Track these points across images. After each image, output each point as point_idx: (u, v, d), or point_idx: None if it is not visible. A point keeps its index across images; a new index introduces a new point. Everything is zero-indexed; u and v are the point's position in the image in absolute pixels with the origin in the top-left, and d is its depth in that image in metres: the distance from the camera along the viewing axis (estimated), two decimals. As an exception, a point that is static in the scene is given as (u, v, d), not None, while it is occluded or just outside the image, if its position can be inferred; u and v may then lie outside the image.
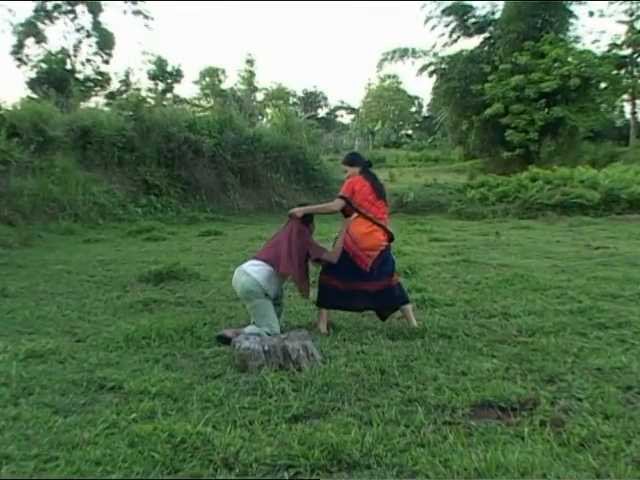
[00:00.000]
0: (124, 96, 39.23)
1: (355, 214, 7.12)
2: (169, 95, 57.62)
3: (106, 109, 31.33)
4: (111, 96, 49.37)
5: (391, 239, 7.27)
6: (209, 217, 23.73)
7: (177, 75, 63.14)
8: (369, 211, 7.04)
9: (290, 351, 5.57)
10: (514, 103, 41.59)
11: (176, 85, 64.51)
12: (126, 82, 57.11)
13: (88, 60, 53.94)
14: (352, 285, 7.03)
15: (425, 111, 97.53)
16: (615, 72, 44.81)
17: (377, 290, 7.05)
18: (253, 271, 6.79)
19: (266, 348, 5.56)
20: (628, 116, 57.23)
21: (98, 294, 9.52)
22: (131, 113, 25.25)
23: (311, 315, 7.66)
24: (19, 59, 50.40)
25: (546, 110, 42.23)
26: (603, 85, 44.37)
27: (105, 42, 53.15)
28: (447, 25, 49.16)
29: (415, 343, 6.38)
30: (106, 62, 54.61)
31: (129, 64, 71.14)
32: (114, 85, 56.75)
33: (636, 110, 52.98)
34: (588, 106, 42.67)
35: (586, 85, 41.56)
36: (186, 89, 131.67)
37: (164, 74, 61.64)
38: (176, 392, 4.97)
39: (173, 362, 5.86)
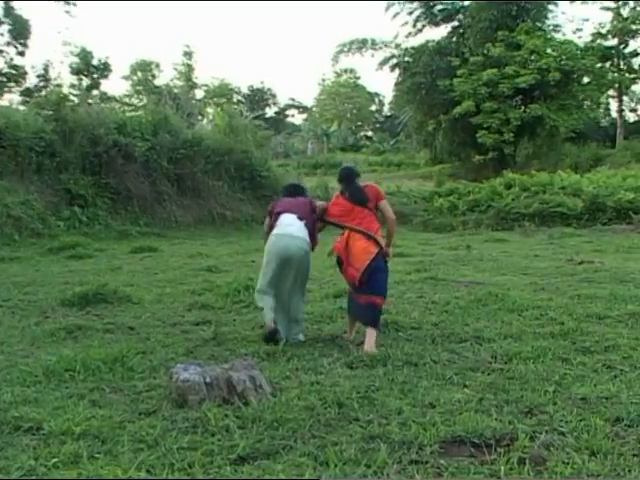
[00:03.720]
0: (43, 93, 39.02)
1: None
2: (95, 92, 57.35)
3: (22, 108, 31.15)
4: (27, 93, 49.02)
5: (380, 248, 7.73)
6: (142, 231, 23.58)
7: (104, 69, 62.92)
8: (346, 222, 7.83)
9: (235, 383, 5.53)
10: (486, 100, 42.07)
11: (103, 81, 64.43)
12: (45, 77, 56.70)
13: (0, 51, 53.36)
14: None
15: (387, 110, 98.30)
16: (599, 65, 45.60)
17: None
18: (305, 234, 7.88)
19: (208, 380, 5.51)
20: (614, 114, 58.12)
21: (13, 321, 9.38)
22: (51, 113, 25.02)
23: (258, 342, 7.65)
24: None
25: (522, 108, 42.85)
26: (586, 80, 45.08)
27: (19, 31, 52.63)
28: (411, 12, 49.68)
29: (377, 372, 6.39)
30: (21, 54, 54.14)
31: (48, 56, 70.78)
32: (31, 80, 56.33)
33: (623, 108, 53.88)
34: (569, 103, 43.31)
35: (567, 80, 42.20)
36: (115, 85, 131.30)
37: (89, 68, 61.34)
38: (104, 432, 4.89)
39: (101, 397, 5.78)
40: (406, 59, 48.56)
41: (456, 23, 49.20)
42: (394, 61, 49.41)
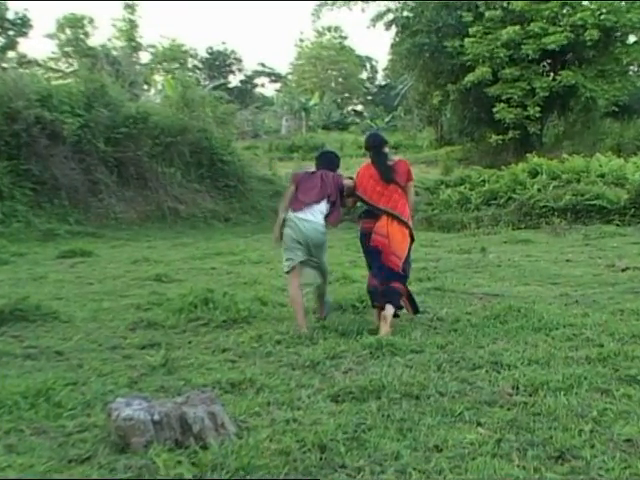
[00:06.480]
0: (-55, 56, 38.76)
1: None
2: (11, 54, 57.10)
3: None
4: None
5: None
6: (73, 231, 23.52)
7: (23, 25, 62.67)
8: (378, 202, 9.31)
9: (191, 421, 5.48)
10: (506, 66, 41.99)
11: (21, 40, 64.07)
12: (-53, 35, 56.46)
13: None
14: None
15: (381, 78, 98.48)
16: (650, 20, 45.33)
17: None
18: (320, 218, 9.54)
19: (156, 417, 5.44)
20: (668, 82, 58.00)
21: None
22: (-46, 80, 24.95)
23: (220, 369, 7.64)
24: None
25: (551, 76, 42.75)
26: (632, 39, 44.87)
27: None
28: (411, -46, 49.43)
29: (368, 406, 6.38)
30: None
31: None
32: None
33: (679, 75, 53.72)
34: (611, 69, 43.15)
35: (608, 39, 42.07)
36: (37, 46, 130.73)
37: (3, 23, 61.09)
38: (25, 484, 4.88)
39: (19, 441, 5.75)
40: (405, 14, 48.32)
41: (468, -32, 49.14)
42: (390, 17, 49.13)
